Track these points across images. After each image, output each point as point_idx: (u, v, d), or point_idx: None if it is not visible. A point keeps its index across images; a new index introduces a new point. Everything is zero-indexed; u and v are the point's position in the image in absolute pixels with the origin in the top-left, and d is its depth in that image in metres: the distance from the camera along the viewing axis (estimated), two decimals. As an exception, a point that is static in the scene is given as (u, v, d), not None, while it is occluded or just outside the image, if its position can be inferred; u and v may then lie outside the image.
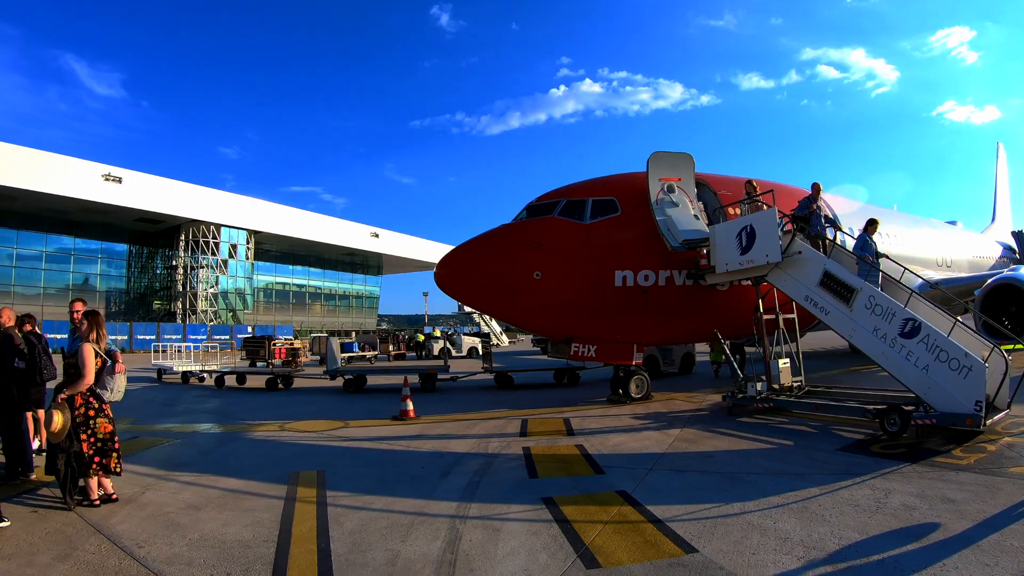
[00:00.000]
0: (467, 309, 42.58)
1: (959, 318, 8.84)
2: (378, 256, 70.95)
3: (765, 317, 11.03)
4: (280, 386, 17.15)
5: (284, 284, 68.77)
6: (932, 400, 7.64)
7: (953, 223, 27.95)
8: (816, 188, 11.37)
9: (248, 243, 58.63)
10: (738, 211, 12.23)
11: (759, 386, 10.42)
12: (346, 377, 16.45)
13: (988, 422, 7.26)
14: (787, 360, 11.13)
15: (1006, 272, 15.20)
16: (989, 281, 13.93)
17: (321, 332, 53.68)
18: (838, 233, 11.25)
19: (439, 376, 16.31)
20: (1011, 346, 8.47)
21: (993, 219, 34.46)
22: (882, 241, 13.74)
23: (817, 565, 4.12)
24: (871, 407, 8.63)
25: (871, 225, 10.39)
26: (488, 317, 41.96)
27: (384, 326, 78.55)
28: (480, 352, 33.11)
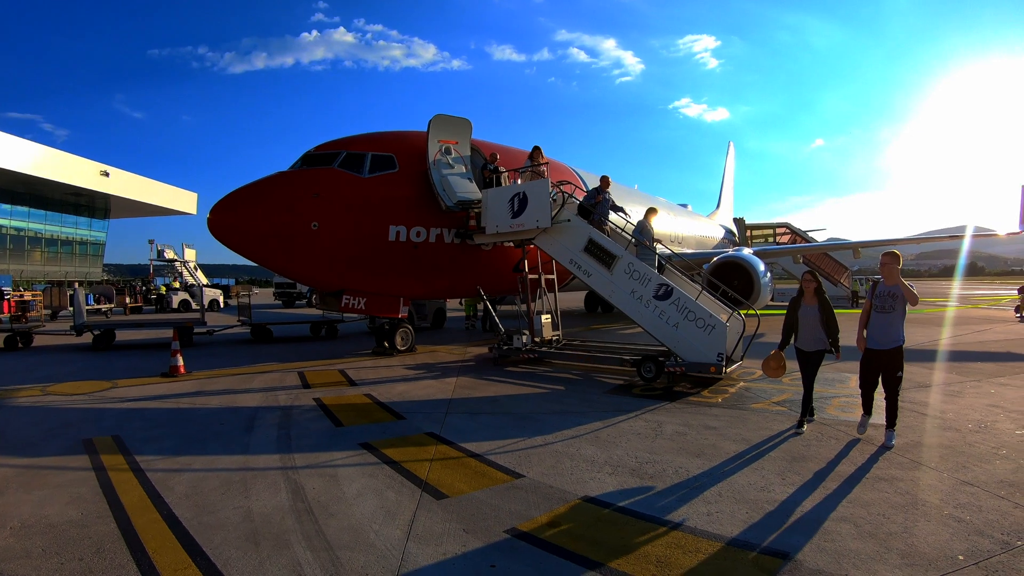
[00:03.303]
0: (168, 256, 41.58)
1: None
2: (106, 198, 61.80)
3: (529, 277, 12.87)
4: (20, 345, 16.51)
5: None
6: (681, 352, 9.83)
7: (684, 206, 34.45)
8: (605, 180, 13.25)
9: (-38, 177, 46.45)
10: (509, 178, 13.81)
11: (524, 339, 12.18)
12: (95, 333, 16.13)
13: (728, 370, 9.61)
14: (548, 316, 13.09)
15: (731, 251, 19.67)
16: (716, 258, 17.82)
17: (43, 282, 48.02)
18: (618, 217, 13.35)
19: (196, 330, 16.94)
20: (743, 311, 11.17)
21: (718, 205, 43.59)
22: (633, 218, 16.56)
23: (628, 479, 5.19)
24: (628, 357, 10.74)
25: (650, 212, 12.54)
26: (194, 267, 43.74)
27: (106, 276, 68.58)
28: (221, 304, 36.34)
